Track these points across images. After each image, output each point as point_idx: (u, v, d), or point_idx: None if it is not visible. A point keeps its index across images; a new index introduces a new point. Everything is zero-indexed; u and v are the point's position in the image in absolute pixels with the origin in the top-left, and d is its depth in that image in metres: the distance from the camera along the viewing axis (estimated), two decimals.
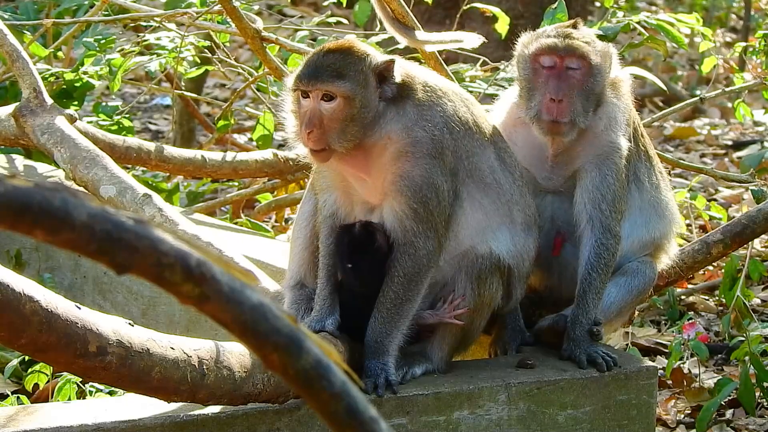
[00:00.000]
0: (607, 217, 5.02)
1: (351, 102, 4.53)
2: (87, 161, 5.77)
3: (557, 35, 5.03)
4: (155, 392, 4.04)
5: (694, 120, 12.27)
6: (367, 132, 4.56)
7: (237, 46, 13.01)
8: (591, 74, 5.01)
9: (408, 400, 4.56)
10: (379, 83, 4.58)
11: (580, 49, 4.99)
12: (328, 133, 4.53)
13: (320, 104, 4.54)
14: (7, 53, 6.25)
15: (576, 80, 4.99)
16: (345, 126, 4.53)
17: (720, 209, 7.83)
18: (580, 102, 4.99)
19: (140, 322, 4.43)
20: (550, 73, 5.00)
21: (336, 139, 4.53)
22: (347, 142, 4.54)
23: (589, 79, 5.01)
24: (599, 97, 5.06)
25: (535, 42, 5.04)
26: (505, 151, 4.83)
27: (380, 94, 4.58)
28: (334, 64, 4.55)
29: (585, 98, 5.00)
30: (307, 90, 4.55)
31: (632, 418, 4.90)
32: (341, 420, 2.23)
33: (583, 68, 4.99)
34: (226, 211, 8.50)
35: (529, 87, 5.05)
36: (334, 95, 4.53)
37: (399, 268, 4.60)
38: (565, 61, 4.99)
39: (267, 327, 2.21)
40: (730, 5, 15.78)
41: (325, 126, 4.53)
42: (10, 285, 3.60)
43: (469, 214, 4.68)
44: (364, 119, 4.55)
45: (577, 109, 4.98)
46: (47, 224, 2.14)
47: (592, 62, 5.00)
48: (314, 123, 4.52)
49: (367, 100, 4.56)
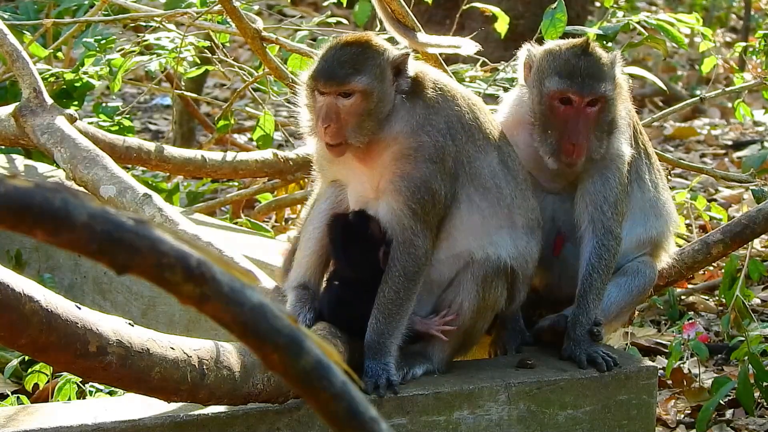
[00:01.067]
0: (609, 219, 5.01)
1: (369, 97, 4.54)
2: (87, 161, 5.77)
3: (573, 72, 4.93)
4: (155, 392, 4.04)
5: (694, 120, 12.27)
6: (382, 126, 4.57)
7: (237, 46, 13.01)
8: (607, 108, 4.97)
9: (408, 400, 4.56)
10: (395, 77, 4.59)
11: (602, 90, 4.92)
12: (345, 128, 4.53)
13: (337, 99, 4.55)
14: (7, 53, 6.25)
15: (593, 118, 4.94)
16: (362, 120, 4.54)
17: (720, 209, 7.83)
18: (596, 136, 4.95)
19: (140, 322, 4.42)
20: (568, 114, 4.94)
21: (353, 134, 4.54)
22: (364, 137, 4.55)
23: (605, 113, 4.97)
24: (613, 122, 5.02)
25: (552, 78, 4.95)
26: (509, 156, 4.82)
27: (396, 87, 4.59)
28: (352, 59, 4.56)
29: (600, 130, 4.97)
30: (325, 91, 4.56)
31: (632, 418, 4.90)
32: (341, 420, 2.23)
33: (600, 104, 4.96)
34: (226, 211, 8.50)
35: (544, 122, 4.98)
36: (351, 91, 4.54)
37: (399, 267, 4.60)
38: (584, 101, 4.93)
39: (267, 327, 2.21)
40: (730, 5, 15.78)
41: (343, 120, 4.53)
42: (10, 285, 3.60)
43: (466, 216, 4.68)
44: (380, 113, 4.56)
45: (593, 145, 4.94)
46: (47, 224, 2.14)
47: (609, 98, 4.96)
48: (331, 117, 4.53)
49: (384, 94, 4.57)
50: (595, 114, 4.95)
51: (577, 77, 4.94)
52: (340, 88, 4.53)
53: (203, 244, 5.22)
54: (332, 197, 4.84)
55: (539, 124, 5.01)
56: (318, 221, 4.84)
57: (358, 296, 4.68)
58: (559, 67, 4.97)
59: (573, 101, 4.94)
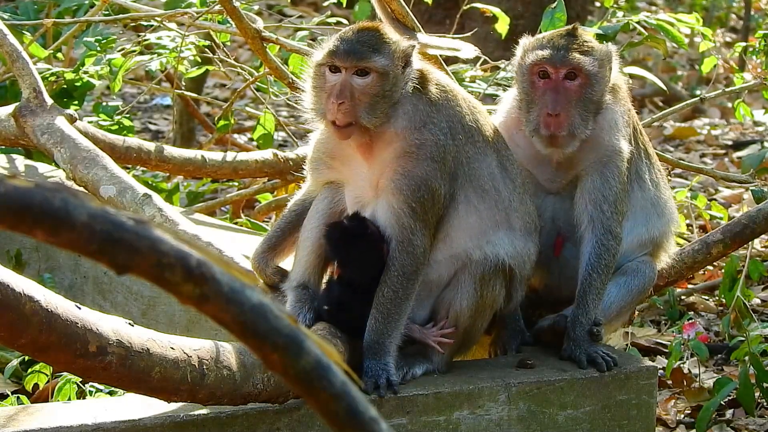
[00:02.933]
0: (608, 219, 5.01)
1: (385, 78, 4.56)
2: (87, 161, 5.77)
3: (553, 46, 4.99)
4: (155, 392, 4.04)
5: (694, 120, 12.27)
6: (389, 115, 4.58)
7: (237, 46, 13.01)
8: (589, 84, 4.97)
9: (408, 400, 4.56)
10: (404, 66, 4.61)
11: (577, 61, 4.94)
12: (358, 107, 4.53)
13: (352, 78, 4.56)
14: (7, 53, 6.25)
15: (573, 91, 4.95)
16: (375, 101, 4.55)
17: (720, 208, 7.83)
18: (579, 113, 4.95)
19: (140, 322, 4.43)
20: (547, 86, 4.96)
21: (365, 114, 4.54)
22: (376, 119, 4.56)
23: (587, 89, 4.98)
24: (598, 104, 5.02)
25: (532, 53, 5.00)
26: (507, 159, 4.83)
27: (405, 76, 4.62)
28: (370, 40, 4.60)
29: (583, 108, 4.97)
30: (343, 66, 4.56)
31: (632, 418, 4.90)
32: (341, 420, 2.23)
33: (580, 79, 4.97)
34: (226, 211, 8.50)
35: (527, 99, 5.02)
36: (369, 70, 4.55)
37: (398, 266, 4.60)
38: (560, 73, 4.96)
39: (267, 327, 2.21)
40: (730, 5, 15.78)
41: (356, 99, 4.54)
42: (10, 285, 3.60)
43: (463, 217, 4.69)
44: (392, 98, 4.57)
45: (576, 121, 4.95)
46: (47, 224, 2.14)
47: (589, 72, 4.96)
48: (345, 95, 4.53)
49: (397, 80, 4.60)
50: (576, 89, 4.96)
51: (555, 50, 4.97)
52: (360, 63, 4.54)
53: (203, 244, 5.22)
54: (329, 198, 4.85)
55: (524, 105, 5.04)
56: (317, 221, 4.84)
57: (358, 297, 4.68)
58: (540, 44, 5.03)
59: (550, 73, 4.96)
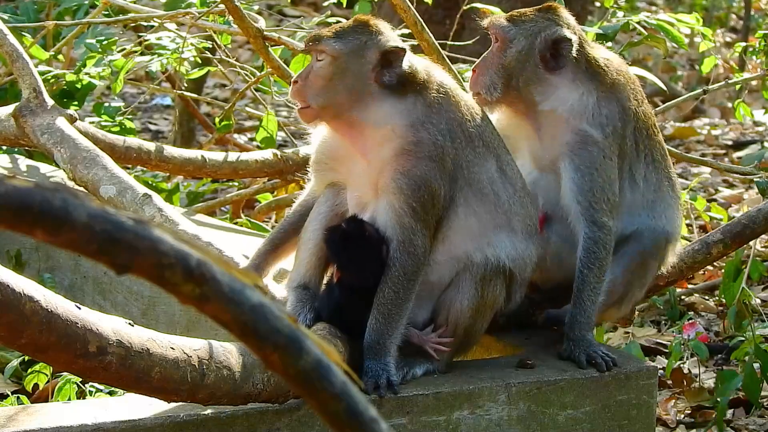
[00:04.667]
0: (588, 209, 4.95)
1: (335, 62, 4.65)
2: (87, 161, 5.77)
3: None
4: (155, 392, 4.04)
5: (694, 120, 12.28)
6: (353, 105, 4.63)
7: (237, 46, 13.02)
8: (504, 48, 5.03)
9: (408, 400, 4.56)
10: (381, 66, 4.60)
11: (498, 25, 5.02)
12: (309, 88, 4.65)
13: (314, 63, 4.70)
14: (7, 53, 6.25)
15: (495, 52, 5.04)
16: (324, 84, 4.64)
17: (720, 209, 7.83)
18: (491, 75, 5.02)
19: (140, 322, 4.42)
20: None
21: (313, 96, 4.65)
22: (323, 101, 4.64)
23: (505, 54, 5.03)
24: (512, 72, 5.03)
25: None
26: (507, 164, 4.83)
27: (377, 76, 4.60)
28: (340, 28, 4.71)
29: (495, 72, 5.03)
30: (306, 49, 4.77)
31: (632, 418, 4.90)
32: (341, 420, 2.23)
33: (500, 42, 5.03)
34: (226, 211, 8.51)
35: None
36: (323, 53, 4.67)
37: (399, 267, 4.60)
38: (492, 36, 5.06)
39: (267, 327, 2.21)
40: (730, 5, 15.79)
41: (309, 81, 4.66)
42: (10, 285, 3.60)
43: (462, 220, 4.69)
44: (345, 86, 4.63)
45: (483, 80, 5.02)
46: (47, 224, 2.14)
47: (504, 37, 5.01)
48: (302, 75, 4.69)
49: (353, 70, 4.64)
50: (497, 51, 5.04)
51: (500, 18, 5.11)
52: (314, 46, 4.68)
53: (203, 244, 5.22)
54: (331, 200, 4.85)
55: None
56: (318, 223, 4.85)
57: (358, 299, 4.68)
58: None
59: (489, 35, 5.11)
